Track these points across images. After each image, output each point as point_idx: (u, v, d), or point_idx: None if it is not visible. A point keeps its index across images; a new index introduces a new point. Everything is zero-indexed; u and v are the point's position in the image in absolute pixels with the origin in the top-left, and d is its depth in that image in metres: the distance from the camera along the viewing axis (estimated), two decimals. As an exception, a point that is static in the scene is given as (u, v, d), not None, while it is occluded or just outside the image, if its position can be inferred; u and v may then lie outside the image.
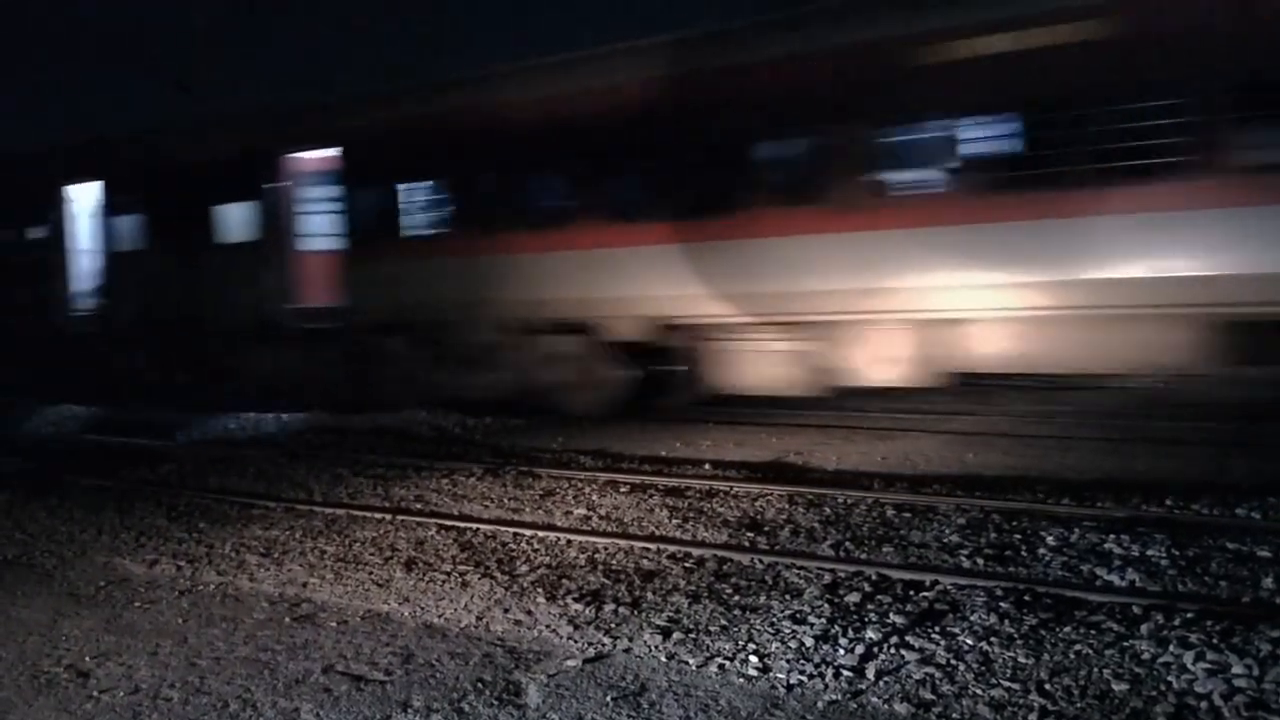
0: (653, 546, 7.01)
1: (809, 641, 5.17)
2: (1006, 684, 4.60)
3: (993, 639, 5.10)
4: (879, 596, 5.80)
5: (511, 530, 7.63)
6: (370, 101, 15.71)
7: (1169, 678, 4.57)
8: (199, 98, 23.95)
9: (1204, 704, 4.33)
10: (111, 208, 18.32)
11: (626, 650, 5.24)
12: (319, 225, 16.23)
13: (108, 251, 18.43)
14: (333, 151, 15.46)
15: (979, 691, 4.55)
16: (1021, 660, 4.85)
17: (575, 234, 13.15)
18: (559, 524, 7.84)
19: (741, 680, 4.81)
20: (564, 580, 6.39)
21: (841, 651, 5.03)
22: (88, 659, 5.49)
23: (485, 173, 14.13)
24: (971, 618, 5.39)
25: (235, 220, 16.72)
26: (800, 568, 6.40)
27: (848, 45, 11.31)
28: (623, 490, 8.86)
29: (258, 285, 16.15)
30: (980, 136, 10.71)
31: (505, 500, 8.72)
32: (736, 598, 5.92)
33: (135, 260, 18.00)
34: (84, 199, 18.94)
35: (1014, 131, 10.63)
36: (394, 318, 14.82)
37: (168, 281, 17.44)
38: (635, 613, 5.74)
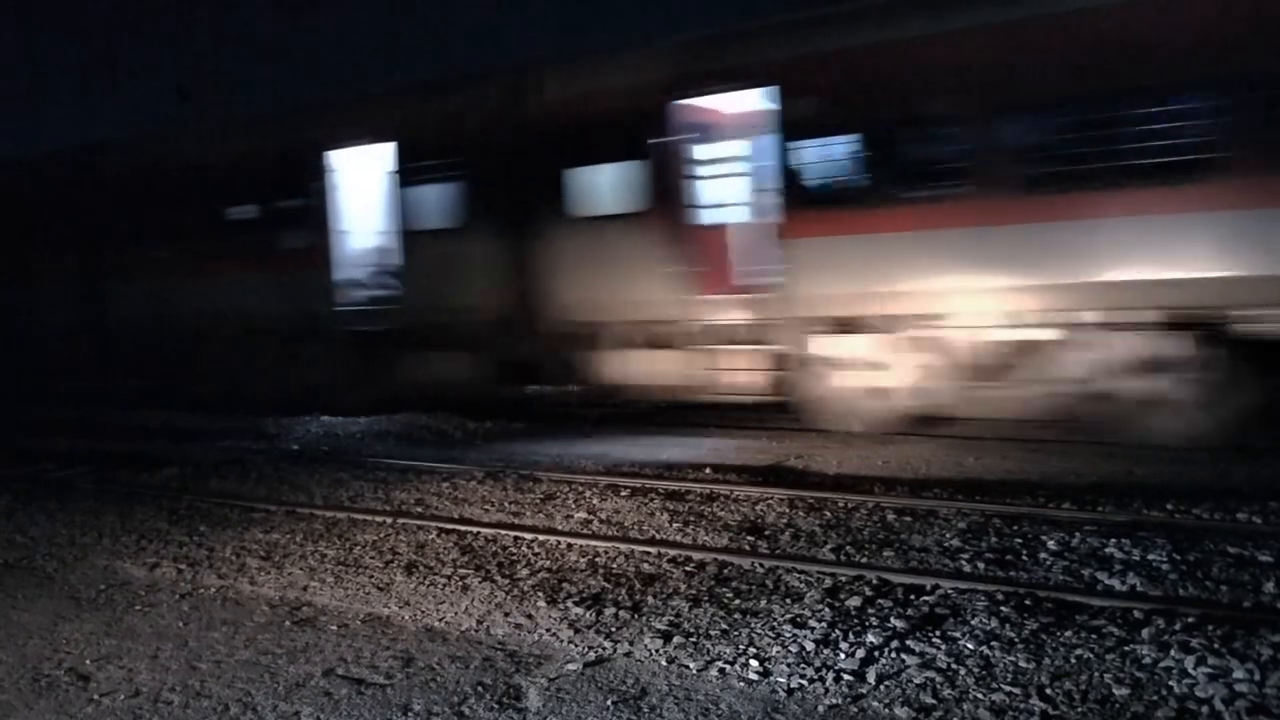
0: (653, 550, 7.01)
1: (810, 645, 5.17)
2: (1007, 688, 4.60)
3: (993, 643, 5.09)
4: (880, 600, 5.80)
5: (512, 534, 7.63)
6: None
7: (1170, 682, 4.57)
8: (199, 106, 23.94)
9: (1205, 708, 4.33)
10: (406, 176, 14.47)
11: (627, 654, 5.23)
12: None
13: (400, 231, 14.63)
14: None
15: (980, 696, 4.54)
16: (1022, 664, 4.84)
17: None
18: (560, 528, 7.84)
19: (742, 684, 4.81)
20: (564, 584, 6.39)
21: (842, 655, 5.03)
22: (88, 662, 5.49)
23: None
24: (972, 622, 5.39)
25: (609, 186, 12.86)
26: (801, 572, 6.40)
27: None
28: (623, 494, 8.86)
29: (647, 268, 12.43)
30: None
31: (506, 504, 8.72)
32: (737, 601, 5.91)
33: (443, 241, 14.16)
34: (358, 166, 15.45)
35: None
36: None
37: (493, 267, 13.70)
38: (636, 616, 5.74)
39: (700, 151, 12.62)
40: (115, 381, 18.76)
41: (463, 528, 7.90)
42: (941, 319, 10.79)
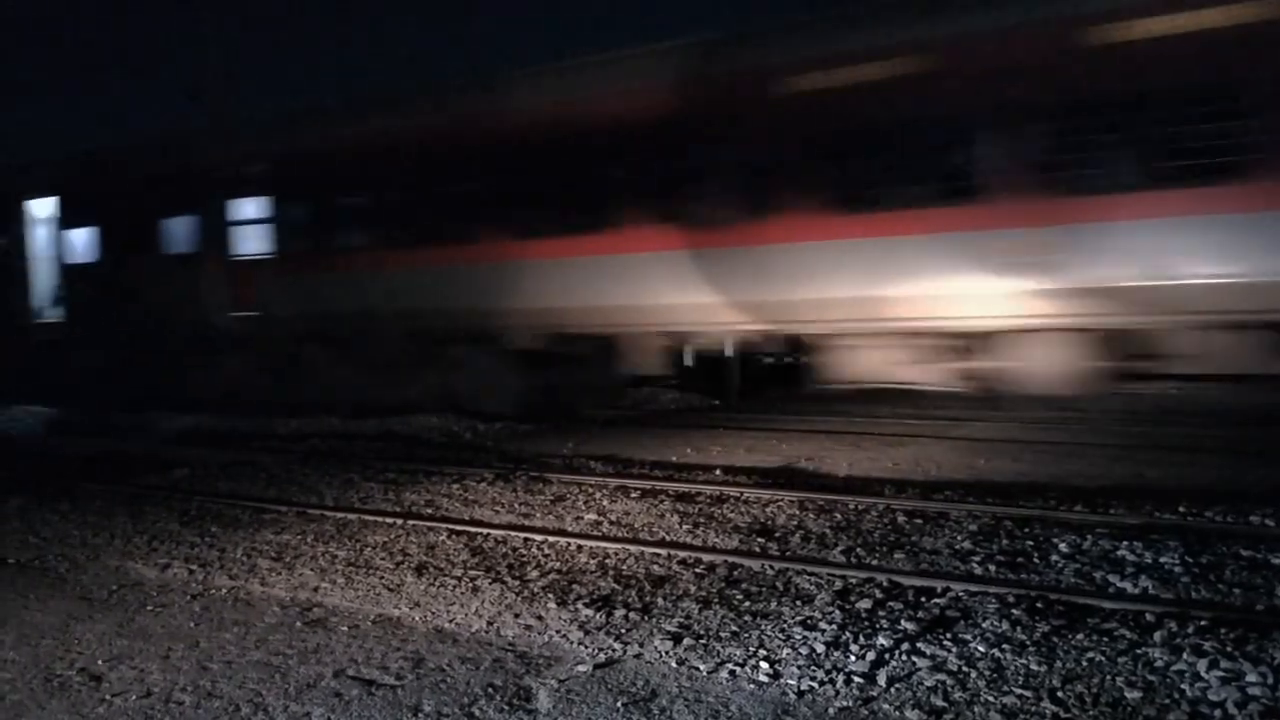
0: (663, 552, 7.01)
1: (820, 648, 5.16)
2: (1018, 691, 4.59)
3: (1005, 646, 5.08)
4: (890, 603, 5.79)
5: (522, 535, 7.64)
6: None
7: (1182, 685, 4.55)
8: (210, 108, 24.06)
9: (1218, 712, 4.31)
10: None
11: (637, 656, 5.23)
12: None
13: None
14: None
15: (991, 699, 4.53)
16: (1034, 667, 4.83)
17: None
18: (570, 529, 7.85)
19: (752, 686, 4.80)
20: (574, 585, 6.39)
21: (853, 658, 5.02)
22: (100, 662, 5.51)
23: None
24: (983, 624, 5.37)
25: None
26: (811, 574, 6.39)
27: None
28: (633, 495, 8.86)
29: None
30: None
31: (516, 505, 8.72)
32: (747, 603, 5.91)
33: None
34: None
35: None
36: None
37: None
38: (646, 618, 5.74)
39: None
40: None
41: (473, 529, 7.90)
42: None
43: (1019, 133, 10.32)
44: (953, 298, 10.73)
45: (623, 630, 5.57)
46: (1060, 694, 4.54)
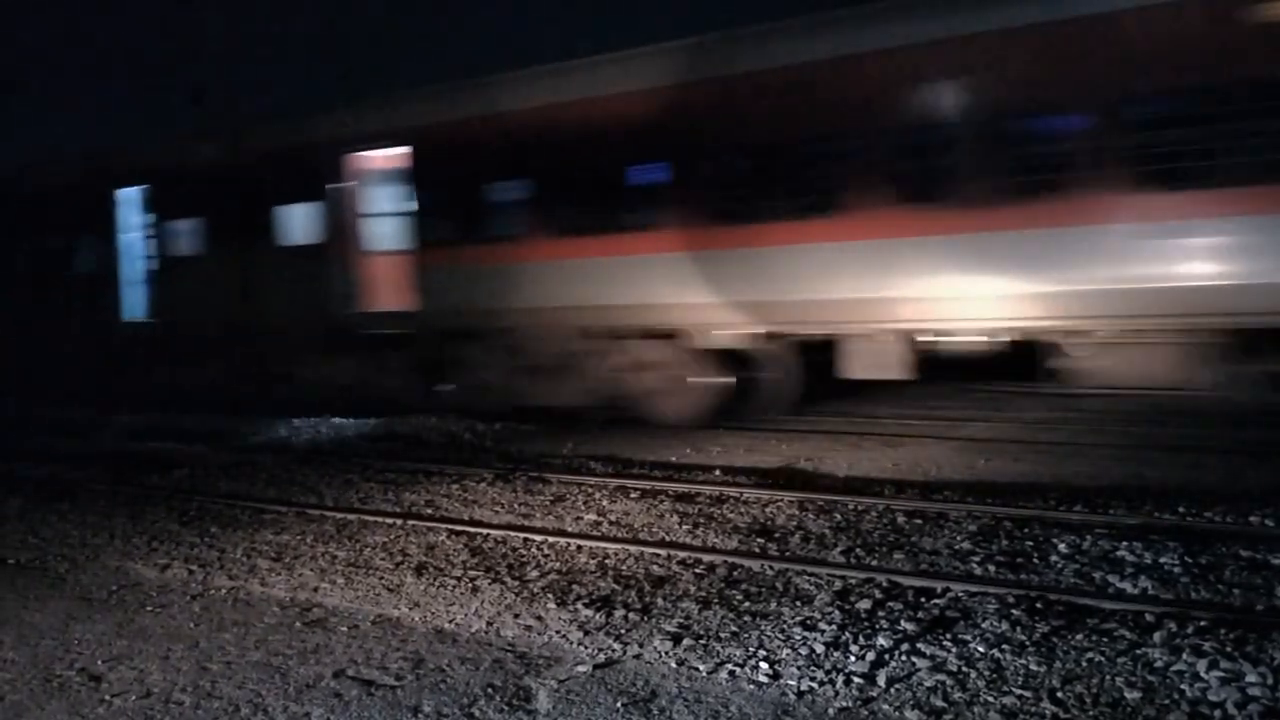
0: (663, 552, 7.01)
1: (820, 648, 5.16)
2: (1018, 691, 4.59)
3: (1004, 646, 5.08)
4: (890, 603, 5.79)
5: (522, 535, 7.64)
6: None
7: (1182, 686, 4.55)
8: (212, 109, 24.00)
9: (1217, 713, 4.31)
10: None
11: (637, 656, 5.23)
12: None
13: None
14: None
15: (990, 699, 4.53)
16: (1033, 668, 4.83)
17: None
18: (569, 529, 7.85)
19: (752, 687, 4.80)
20: (574, 586, 6.39)
21: (852, 658, 5.02)
22: (100, 663, 5.51)
23: None
24: (983, 625, 5.37)
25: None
26: (811, 574, 6.39)
27: None
28: (633, 496, 8.86)
29: None
30: None
31: (516, 506, 8.72)
32: (747, 604, 5.91)
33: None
34: None
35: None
36: None
37: None
38: (645, 618, 5.74)
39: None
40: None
41: (472, 529, 7.90)
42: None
43: None
44: None
45: (622, 630, 5.57)
46: (1060, 694, 4.54)
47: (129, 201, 18.11)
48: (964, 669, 4.85)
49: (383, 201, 15.23)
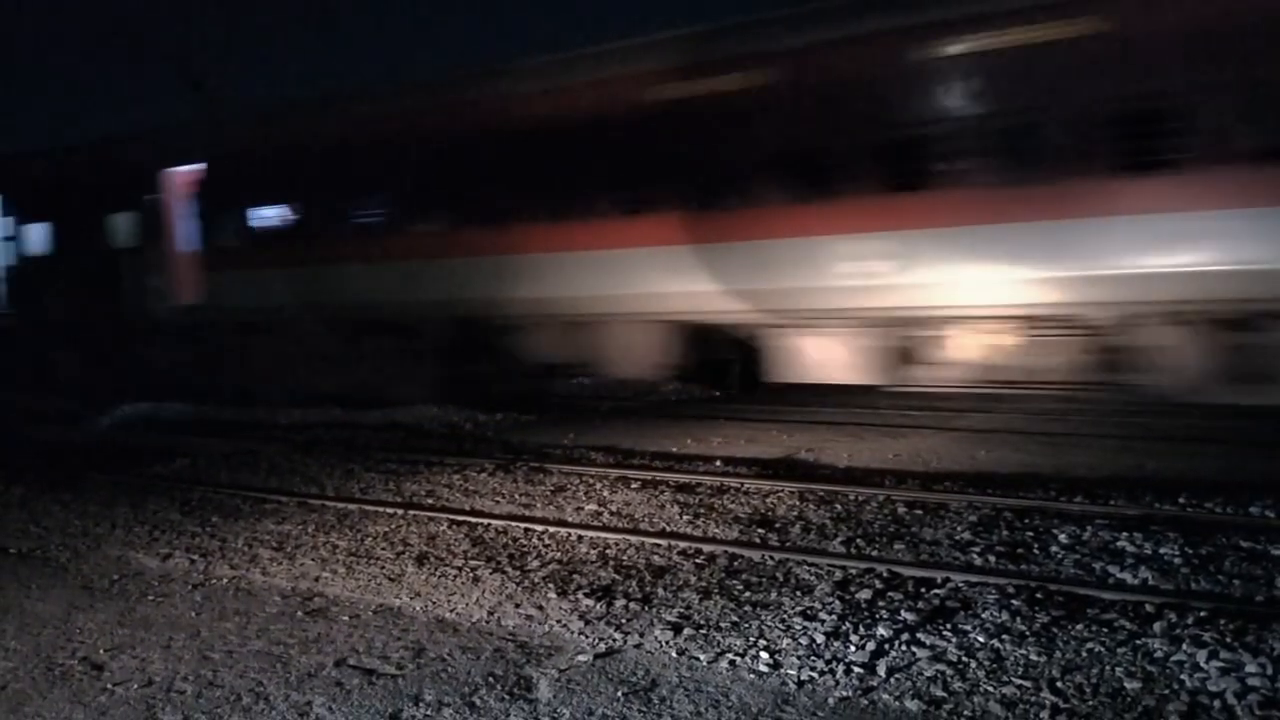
0: (664, 542, 7.02)
1: (820, 638, 5.17)
2: (1018, 681, 4.60)
3: (1004, 636, 5.09)
4: (890, 593, 5.79)
5: (523, 526, 7.65)
6: None
7: (1182, 676, 4.56)
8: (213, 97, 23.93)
9: (1217, 703, 4.32)
10: None
11: (637, 645, 5.24)
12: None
13: None
14: None
15: (990, 689, 4.54)
16: (1033, 658, 4.84)
17: None
18: (570, 520, 7.85)
19: (752, 676, 4.81)
20: (575, 576, 6.40)
21: (852, 648, 5.03)
22: (102, 652, 5.52)
23: None
24: (983, 615, 5.38)
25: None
26: (811, 564, 6.40)
27: None
28: (634, 486, 8.87)
29: None
30: None
31: (517, 496, 8.73)
32: (747, 594, 5.92)
33: None
34: None
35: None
36: None
37: None
38: (646, 608, 5.75)
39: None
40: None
41: (474, 519, 7.91)
42: None
43: None
44: None
45: (623, 620, 5.58)
46: (1060, 684, 4.55)
47: None
48: (964, 659, 4.85)
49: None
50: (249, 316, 16.10)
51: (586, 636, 5.40)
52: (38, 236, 18.79)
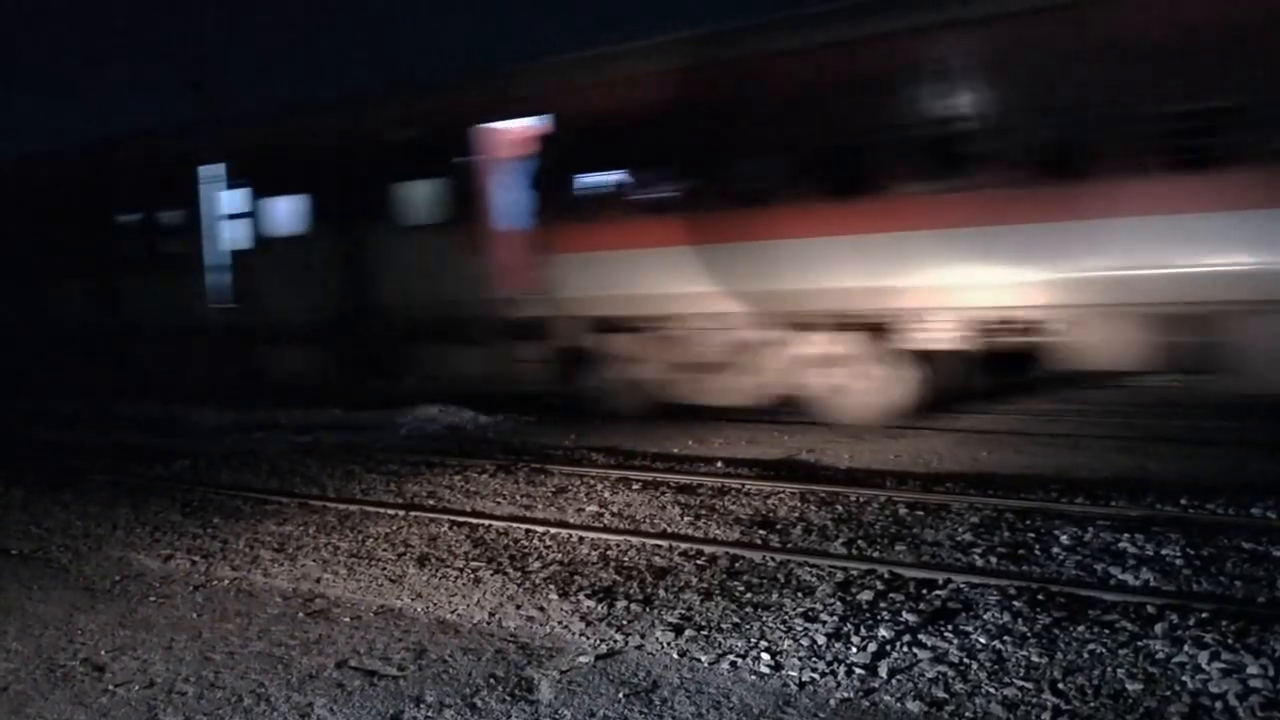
0: (665, 544, 7.02)
1: (821, 639, 5.17)
2: (1020, 683, 4.59)
3: (1006, 638, 5.08)
4: (891, 595, 5.79)
5: (524, 527, 7.65)
6: None
7: (1183, 678, 4.56)
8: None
9: (1219, 704, 4.31)
10: None
11: (638, 647, 5.24)
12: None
13: None
14: None
15: (992, 690, 4.54)
16: (1035, 659, 4.83)
17: None
18: (571, 521, 7.85)
19: (753, 678, 4.81)
20: (576, 577, 6.40)
21: (854, 649, 5.03)
22: (103, 653, 5.52)
23: None
24: (984, 616, 5.38)
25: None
26: (813, 566, 6.40)
27: None
28: (635, 487, 8.86)
29: None
30: None
31: (518, 497, 8.73)
32: (749, 595, 5.92)
33: None
34: None
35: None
36: None
37: None
38: (647, 610, 5.75)
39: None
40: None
41: (475, 520, 7.91)
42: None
43: None
44: None
45: (624, 621, 5.58)
46: (1061, 686, 4.55)
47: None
48: (965, 660, 4.85)
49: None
50: (612, 309, 12.94)
51: (588, 638, 5.40)
52: (277, 214, 15.91)
